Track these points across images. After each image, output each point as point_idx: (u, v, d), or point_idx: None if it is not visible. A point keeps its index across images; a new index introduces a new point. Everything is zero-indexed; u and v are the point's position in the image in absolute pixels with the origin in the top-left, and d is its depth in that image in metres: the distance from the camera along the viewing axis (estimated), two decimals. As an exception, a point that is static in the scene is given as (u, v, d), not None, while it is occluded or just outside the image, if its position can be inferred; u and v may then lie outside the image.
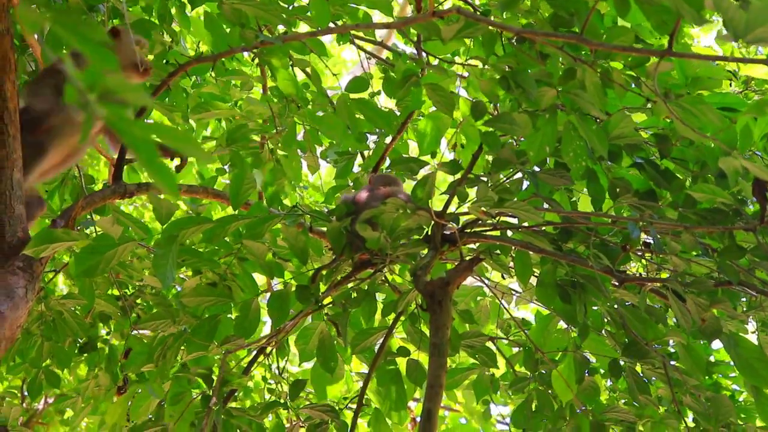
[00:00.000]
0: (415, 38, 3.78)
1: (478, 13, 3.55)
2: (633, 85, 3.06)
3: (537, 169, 3.32)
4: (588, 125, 2.90)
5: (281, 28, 3.73)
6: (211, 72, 3.40)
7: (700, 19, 2.23)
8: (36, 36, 3.69)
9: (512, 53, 2.98)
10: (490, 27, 2.76)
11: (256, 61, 3.86)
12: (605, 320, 3.66)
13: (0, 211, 3.29)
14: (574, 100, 2.87)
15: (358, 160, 4.30)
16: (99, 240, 3.23)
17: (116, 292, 3.91)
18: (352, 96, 3.64)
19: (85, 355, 3.99)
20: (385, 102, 4.44)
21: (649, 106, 3.18)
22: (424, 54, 3.67)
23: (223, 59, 4.13)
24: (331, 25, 3.92)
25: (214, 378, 3.41)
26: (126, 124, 1.31)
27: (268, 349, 3.72)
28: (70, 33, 1.38)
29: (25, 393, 3.99)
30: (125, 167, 3.72)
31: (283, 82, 3.56)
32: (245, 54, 4.38)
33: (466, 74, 3.48)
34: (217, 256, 3.55)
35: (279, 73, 3.56)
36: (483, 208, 3.14)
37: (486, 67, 2.99)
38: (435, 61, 3.66)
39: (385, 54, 6.40)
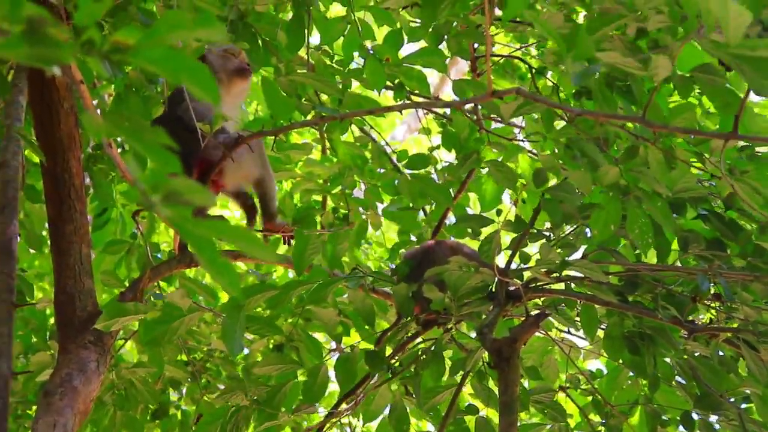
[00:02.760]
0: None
1: (534, 70, 3.56)
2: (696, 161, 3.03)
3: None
4: (653, 202, 2.87)
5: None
6: (272, 148, 3.44)
7: None
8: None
9: (572, 124, 2.97)
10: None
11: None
12: (675, 371, 3.59)
13: (70, 285, 3.37)
14: (638, 177, 2.84)
15: (420, 215, 4.29)
16: (166, 310, 3.29)
17: (185, 358, 3.95)
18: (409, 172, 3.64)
19: (158, 421, 4.03)
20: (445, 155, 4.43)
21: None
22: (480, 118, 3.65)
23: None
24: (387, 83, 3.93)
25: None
26: (188, 225, 1.30)
27: (343, 406, 3.71)
28: (133, 139, 1.41)
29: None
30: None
31: (344, 156, 3.59)
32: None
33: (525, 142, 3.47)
34: (281, 321, 3.57)
35: (340, 148, 3.60)
36: (544, 270, 3.12)
37: (546, 137, 2.99)
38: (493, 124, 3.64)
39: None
